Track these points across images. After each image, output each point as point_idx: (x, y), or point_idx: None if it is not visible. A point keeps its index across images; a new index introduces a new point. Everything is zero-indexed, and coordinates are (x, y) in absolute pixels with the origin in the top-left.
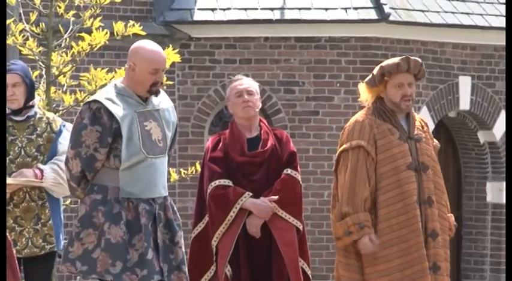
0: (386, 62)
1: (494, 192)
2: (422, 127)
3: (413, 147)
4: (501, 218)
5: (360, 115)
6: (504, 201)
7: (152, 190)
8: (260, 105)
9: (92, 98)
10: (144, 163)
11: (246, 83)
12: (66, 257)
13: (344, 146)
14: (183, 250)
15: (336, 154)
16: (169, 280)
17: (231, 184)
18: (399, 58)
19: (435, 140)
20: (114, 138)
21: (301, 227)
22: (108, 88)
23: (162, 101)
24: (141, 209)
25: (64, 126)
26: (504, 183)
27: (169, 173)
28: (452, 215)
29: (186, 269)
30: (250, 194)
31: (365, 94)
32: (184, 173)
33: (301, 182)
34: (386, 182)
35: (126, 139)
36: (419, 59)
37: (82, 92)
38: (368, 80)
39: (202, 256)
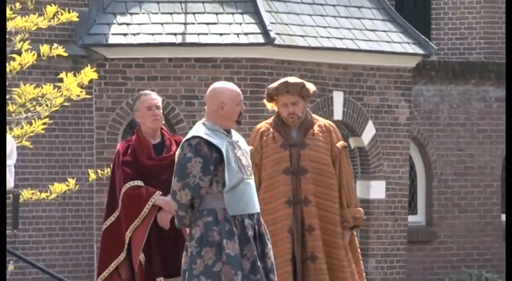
0: (270, 85)
1: (363, 189)
2: (323, 133)
3: (295, 153)
4: (368, 211)
5: (261, 123)
6: (371, 196)
7: (252, 206)
8: (163, 117)
9: (189, 135)
10: (242, 183)
11: (155, 98)
12: (191, 274)
13: None
14: (272, 260)
15: None
16: None
17: (142, 184)
18: (278, 83)
19: (340, 142)
20: (215, 167)
21: None
22: (198, 127)
23: (234, 135)
24: (246, 224)
25: None
26: (371, 182)
27: (88, 174)
28: (352, 209)
29: (274, 277)
30: (161, 193)
31: (269, 106)
32: (101, 173)
33: None
34: (264, 184)
35: (227, 165)
36: (299, 81)
37: (13, 104)
38: (265, 98)
39: (112, 245)
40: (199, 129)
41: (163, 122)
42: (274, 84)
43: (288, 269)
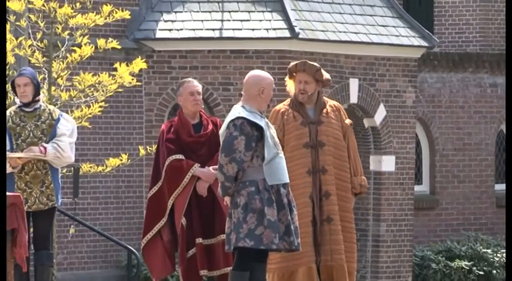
0: (292, 63)
1: (375, 163)
2: (334, 112)
3: (314, 129)
4: (380, 182)
5: (279, 105)
6: (382, 169)
7: (285, 177)
8: (202, 102)
9: (233, 116)
10: (277, 157)
11: (196, 85)
12: (238, 236)
13: None
14: (296, 224)
15: None
16: (296, 248)
17: (183, 157)
18: (299, 61)
19: (347, 119)
20: (255, 143)
21: None
22: (239, 109)
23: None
24: (281, 192)
25: (61, 115)
26: (383, 156)
27: (138, 150)
28: (358, 177)
29: (297, 239)
30: (199, 165)
31: (289, 87)
32: (149, 149)
33: None
34: (287, 155)
35: (266, 141)
36: (317, 65)
37: (74, 90)
38: (287, 75)
39: (156, 211)
40: (241, 111)
41: (203, 106)
42: (295, 62)
43: (308, 230)
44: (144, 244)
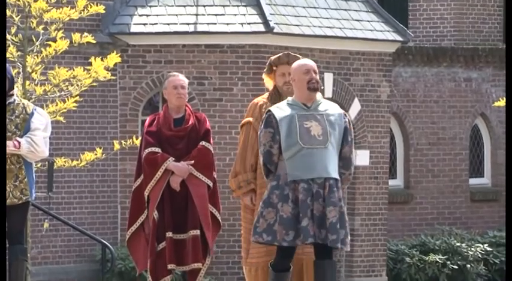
0: (273, 56)
1: None
2: None
3: None
4: (354, 176)
5: (258, 98)
6: (357, 163)
7: (311, 173)
8: (188, 96)
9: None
10: (302, 152)
11: (181, 79)
12: (255, 231)
13: (242, 122)
14: (332, 220)
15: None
16: (323, 242)
17: (159, 150)
18: (281, 54)
19: None
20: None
21: (211, 185)
22: (281, 103)
23: (331, 109)
24: (300, 187)
25: (35, 109)
26: (357, 151)
27: (113, 144)
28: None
29: (331, 236)
30: (173, 158)
31: (267, 82)
32: (124, 144)
33: (213, 151)
34: None
35: (284, 134)
36: (299, 56)
37: (49, 85)
38: (265, 70)
39: (138, 204)
40: (279, 104)
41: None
42: (277, 55)
43: None
44: (128, 237)
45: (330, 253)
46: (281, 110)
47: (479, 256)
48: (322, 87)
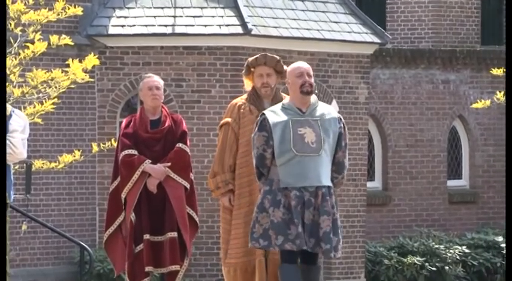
0: (250, 58)
1: None
2: None
3: None
4: None
5: (237, 99)
6: None
7: (303, 181)
8: (163, 97)
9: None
10: (295, 159)
11: (156, 80)
12: (252, 237)
13: (221, 122)
14: (325, 230)
15: None
16: (312, 250)
17: (136, 153)
18: (258, 55)
19: None
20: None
21: (188, 186)
22: (276, 106)
23: (326, 114)
24: (292, 195)
25: (13, 111)
26: None
27: (91, 146)
28: None
29: (325, 246)
30: (150, 161)
31: (246, 84)
32: (102, 146)
33: (189, 153)
34: (242, 150)
35: (278, 141)
36: (276, 56)
37: (27, 86)
38: (243, 72)
39: (115, 205)
40: (273, 108)
41: (162, 101)
42: (254, 56)
43: None
44: (105, 238)
45: (315, 259)
46: (275, 114)
47: (458, 258)
48: (316, 91)
